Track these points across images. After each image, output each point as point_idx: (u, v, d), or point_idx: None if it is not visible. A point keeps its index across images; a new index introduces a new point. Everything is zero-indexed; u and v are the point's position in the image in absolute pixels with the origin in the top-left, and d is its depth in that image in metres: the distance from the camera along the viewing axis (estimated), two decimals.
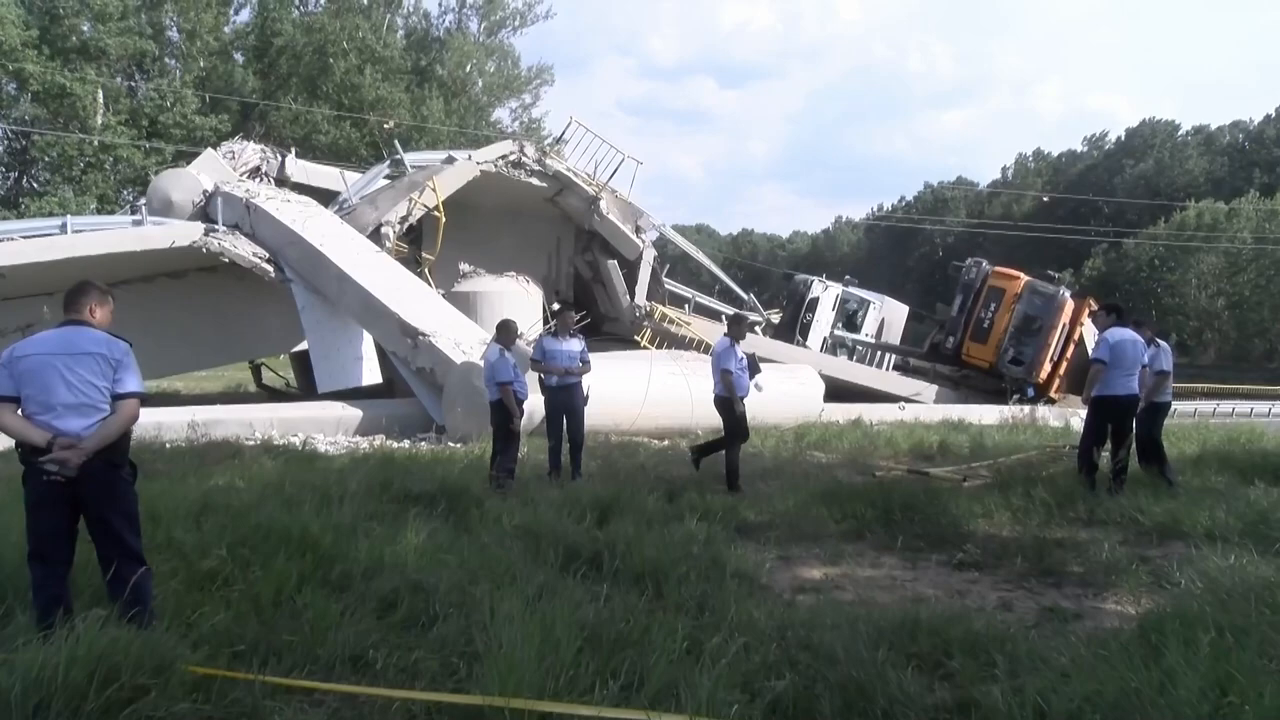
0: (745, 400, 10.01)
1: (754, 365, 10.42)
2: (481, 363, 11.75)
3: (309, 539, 6.28)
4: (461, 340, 14.37)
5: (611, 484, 9.10)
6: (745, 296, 28.51)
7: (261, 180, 20.49)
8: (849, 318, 25.42)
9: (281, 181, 21.06)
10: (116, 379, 4.78)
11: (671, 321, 21.74)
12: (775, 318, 26.56)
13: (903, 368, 24.18)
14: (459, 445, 12.47)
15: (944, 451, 12.84)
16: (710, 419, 15.18)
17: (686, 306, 24.43)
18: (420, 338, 14.34)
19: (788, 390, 16.42)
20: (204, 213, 18.12)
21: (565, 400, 10.03)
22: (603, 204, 21.72)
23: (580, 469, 9.95)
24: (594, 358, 10.65)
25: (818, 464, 11.55)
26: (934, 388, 22.76)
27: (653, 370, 14.51)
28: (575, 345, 10.20)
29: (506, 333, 9.91)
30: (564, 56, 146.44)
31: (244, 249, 16.60)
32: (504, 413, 9.52)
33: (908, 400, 20.96)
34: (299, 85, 47.47)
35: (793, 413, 16.07)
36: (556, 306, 15.55)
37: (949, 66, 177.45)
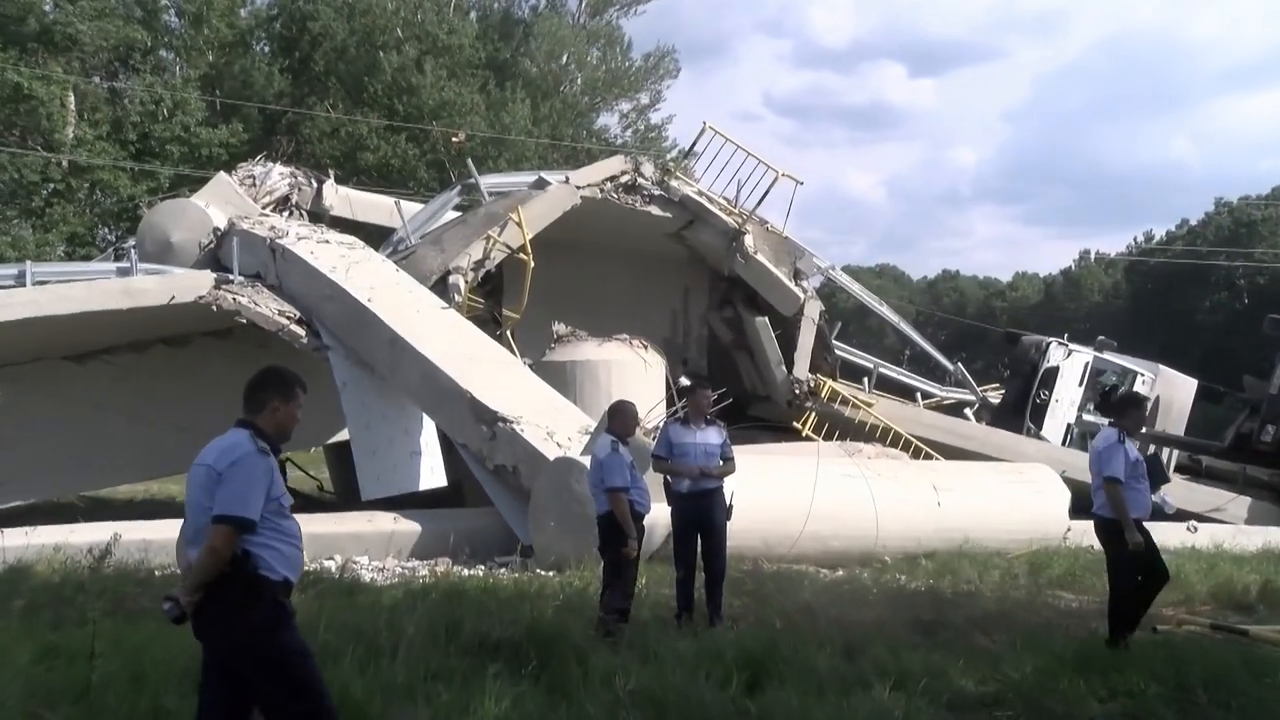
0: (1144, 523, 9.22)
1: (1156, 470, 9.55)
2: (585, 460, 11.85)
3: (351, 705, 6.41)
4: (556, 428, 14.59)
5: (765, 632, 8.98)
6: (949, 366, 28.11)
7: (291, 214, 21.44)
8: (1104, 396, 24.70)
9: (317, 216, 21.99)
10: (217, 497, 5.11)
11: (845, 402, 21.59)
12: (994, 396, 26.05)
13: (1192, 469, 23.28)
14: (551, 573, 12.57)
15: (1269, 598, 12.16)
16: (904, 540, 15.06)
17: (866, 381, 24.25)
18: (500, 425, 14.63)
19: (1017, 500, 16.06)
20: (214, 258, 19.05)
21: (700, 512, 10.04)
22: (748, 240, 21.91)
23: (720, 610, 9.89)
24: (738, 452, 10.63)
25: (1065, 610, 11.17)
26: (1245, 499, 21.82)
27: (820, 470, 14.39)
28: (713, 436, 10.23)
29: (622, 419, 9.98)
30: (693, 40, 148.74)
31: (267, 306, 17.35)
32: (616, 530, 9.54)
33: (1202, 518, 20.11)
34: (339, 87, 49.49)
35: (1024, 531, 15.68)
36: (686, 382, 15.63)
37: (1256, 29, 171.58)
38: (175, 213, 20.05)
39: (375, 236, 21.71)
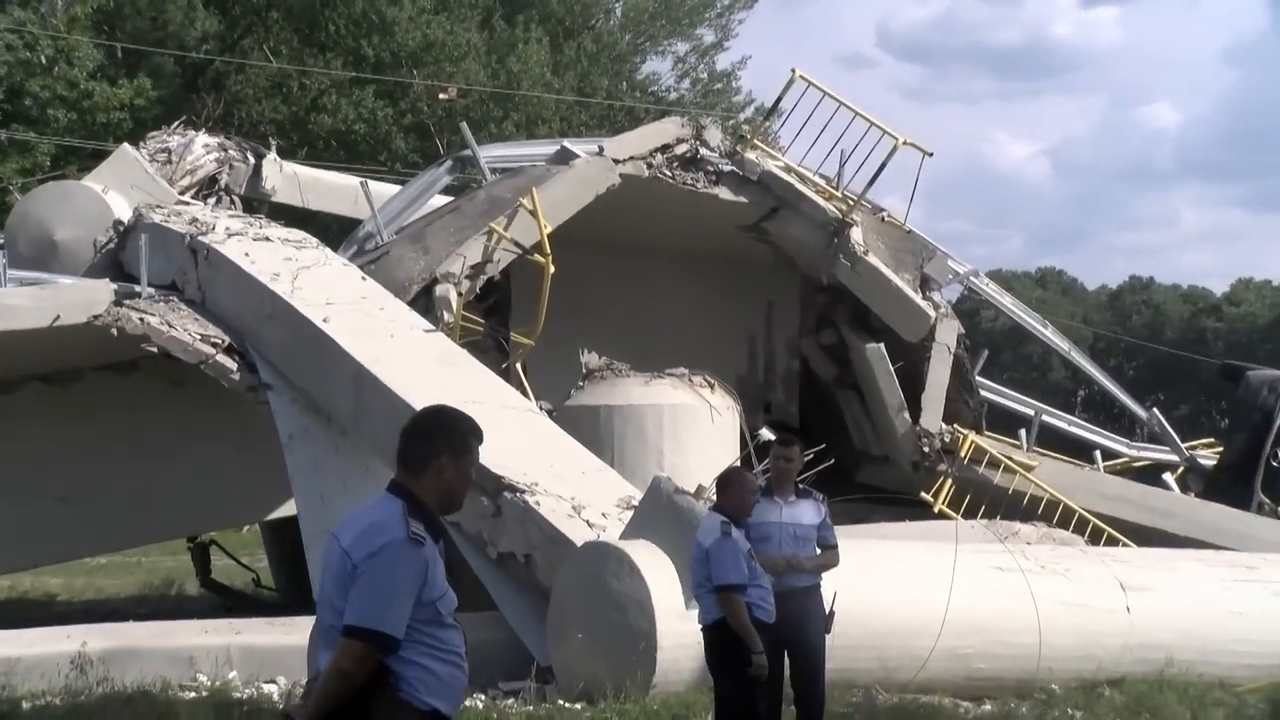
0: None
1: None
2: (628, 547, 11.83)
3: None
4: (586, 501, 14.55)
5: None
6: (1141, 412, 27.84)
7: (220, 201, 21.61)
8: None
9: (255, 204, 22.14)
10: (350, 600, 5.12)
11: (994, 464, 21.48)
12: (1207, 456, 25.80)
13: None
14: (579, 706, 12.55)
15: None
16: (1079, 661, 14.84)
17: (1023, 434, 24.10)
18: (507, 496, 14.61)
19: (1246, 605, 15.79)
20: (114, 262, 19.20)
21: (788, 620, 9.96)
22: (856, 234, 21.87)
23: None
24: (843, 535, 10.59)
25: None
26: None
27: (960, 561, 14.29)
28: (807, 513, 10.28)
29: (737, 492, 9.90)
30: None
31: (185, 329, 17.44)
32: (733, 645, 9.48)
33: None
34: (285, 25, 49.83)
35: (1257, 653, 15.41)
36: (768, 435, 15.57)
37: None
38: (60, 201, 20.19)
39: (335, 232, 21.85)
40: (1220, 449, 25.64)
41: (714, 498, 12.50)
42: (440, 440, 5.35)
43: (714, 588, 9.44)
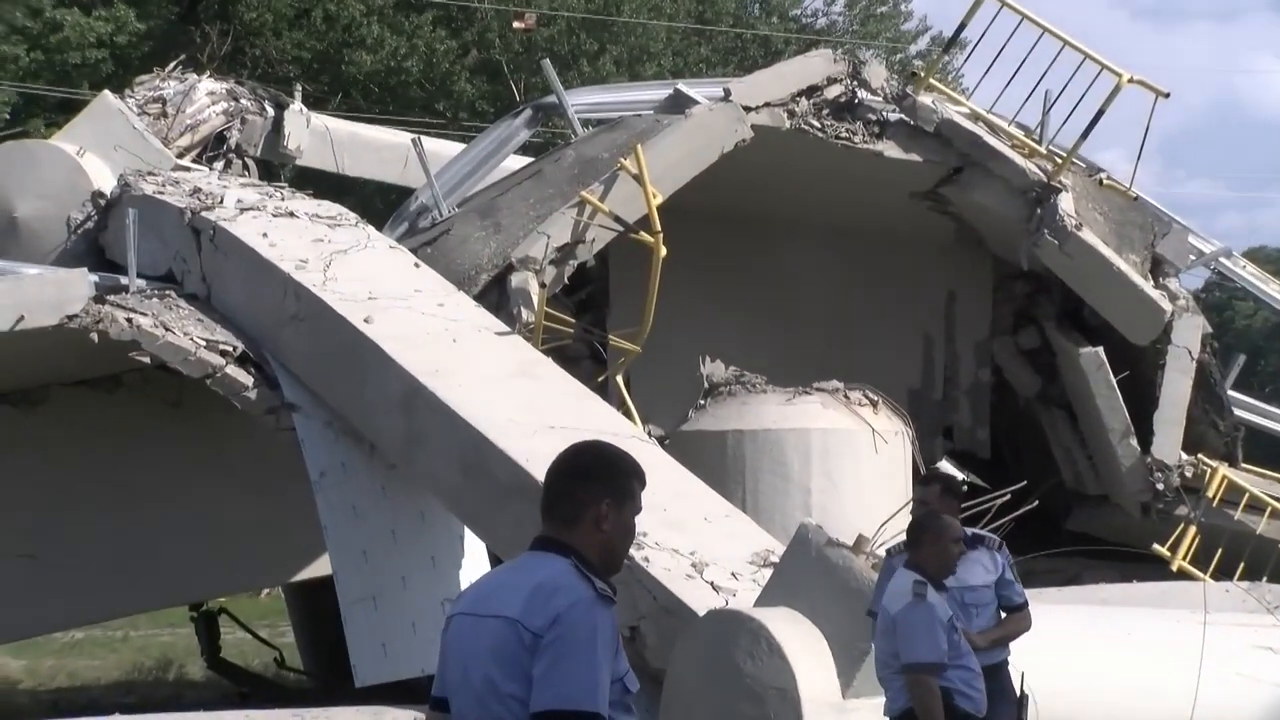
0: None
1: None
2: (768, 620, 11.84)
3: None
4: (710, 555, 14.52)
5: None
6: None
7: (230, 165, 21.78)
8: None
9: (275, 169, 22.31)
10: (534, 679, 5.11)
11: (1256, 507, 21.27)
12: None
13: None
14: None
15: None
16: None
17: None
18: None
19: None
20: (93, 245, 19.39)
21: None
22: (1065, 203, 21.67)
23: None
24: (1042, 601, 10.54)
25: None
26: None
27: (1210, 638, 14.16)
28: (978, 569, 10.42)
29: (935, 542, 9.95)
30: None
31: (185, 333, 17.57)
32: None
33: None
34: None
35: None
36: (946, 467, 15.52)
37: None
38: (22, 165, 20.34)
39: (379, 205, 21.93)
40: None
41: (879, 552, 12.57)
42: (598, 483, 5.42)
43: (901, 667, 9.48)
